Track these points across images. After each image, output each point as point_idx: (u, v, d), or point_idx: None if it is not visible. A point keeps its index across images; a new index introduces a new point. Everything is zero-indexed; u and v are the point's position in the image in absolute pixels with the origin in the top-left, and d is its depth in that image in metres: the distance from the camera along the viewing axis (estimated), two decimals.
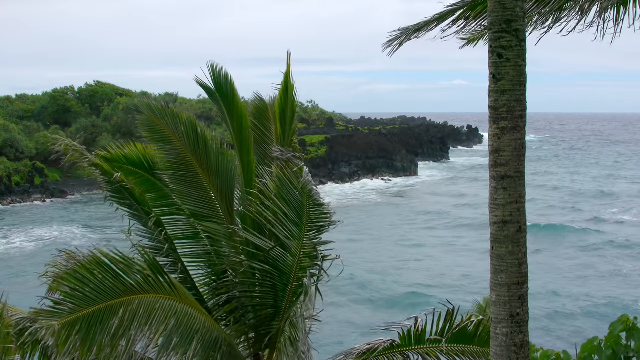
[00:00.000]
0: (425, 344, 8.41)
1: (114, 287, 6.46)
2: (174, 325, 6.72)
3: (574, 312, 32.11)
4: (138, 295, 6.60)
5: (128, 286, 6.58)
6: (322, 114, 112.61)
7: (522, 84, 4.72)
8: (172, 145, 8.16)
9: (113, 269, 6.58)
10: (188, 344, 6.82)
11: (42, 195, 69.24)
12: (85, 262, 6.42)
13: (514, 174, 4.76)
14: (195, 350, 6.85)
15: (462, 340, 8.45)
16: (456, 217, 58.90)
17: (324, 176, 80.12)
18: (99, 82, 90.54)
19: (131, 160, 8.61)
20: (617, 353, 4.77)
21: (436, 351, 8.37)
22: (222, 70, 8.39)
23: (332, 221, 7.27)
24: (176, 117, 8.10)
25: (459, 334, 8.41)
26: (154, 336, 6.48)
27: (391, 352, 8.50)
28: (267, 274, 7.98)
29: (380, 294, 35.76)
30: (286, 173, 7.28)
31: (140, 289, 6.67)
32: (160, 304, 6.73)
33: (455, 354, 8.38)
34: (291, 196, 7.34)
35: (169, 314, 6.73)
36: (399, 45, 8.33)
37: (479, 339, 8.43)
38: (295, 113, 9.40)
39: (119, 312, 6.28)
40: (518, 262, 4.82)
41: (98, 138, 73.06)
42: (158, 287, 6.85)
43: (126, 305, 6.40)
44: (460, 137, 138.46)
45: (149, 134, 8.21)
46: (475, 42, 8.57)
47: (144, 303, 6.57)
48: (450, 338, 8.35)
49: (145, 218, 8.48)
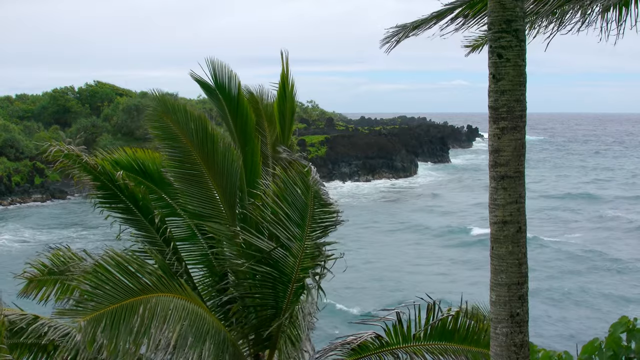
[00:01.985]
0: (412, 341, 8.42)
1: (131, 286, 6.51)
2: (188, 325, 6.76)
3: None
4: (154, 294, 6.64)
5: (144, 285, 6.63)
6: (322, 114, 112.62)
7: (522, 84, 4.72)
8: (179, 142, 8.01)
9: (129, 268, 6.63)
10: (202, 344, 6.84)
11: (42, 195, 69.19)
12: (103, 261, 6.48)
13: (514, 174, 4.76)
14: (209, 350, 6.87)
15: (445, 337, 8.45)
16: (456, 217, 58.90)
17: (324, 176, 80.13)
18: (99, 82, 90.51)
19: (121, 165, 8.52)
20: (618, 354, 4.77)
21: (422, 350, 8.38)
22: (226, 67, 8.25)
23: (339, 221, 7.24)
24: (188, 113, 7.92)
25: (442, 331, 8.42)
26: (172, 335, 6.51)
27: (382, 351, 8.50)
28: (267, 275, 7.97)
29: (369, 293, 35.43)
30: (290, 174, 7.24)
31: (155, 288, 6.72)
32: (175, 303, 6.76)
33: (439, 352, 8.37)
34: (295, 197, 7.30)
35: (182, 314, 6.75)
36: (396, 42, 8.29)
37: (459, 335, 8.43)
38: (294, 112, 9.37)
39: (139, 310, 6.34)
40: (518, 262, 4.82)
41: (98, 138, 73.08)
42: (171, 287, 6.89)
43: (145, 304, 6.45)
44: (460, 137, 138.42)
45: (154, 129, 8.02)
46: (480, 49, 8.55)
47: (160, 302, 6.61)
48: (434, 335, 8.36)
49: (144, 220, 8.38)
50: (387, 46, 8.36)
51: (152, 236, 8.39)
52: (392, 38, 8.30)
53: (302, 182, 7.19)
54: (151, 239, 8.41)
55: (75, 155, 8.15)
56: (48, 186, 70.41)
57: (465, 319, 8.41)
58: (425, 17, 7.98)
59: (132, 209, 8.38)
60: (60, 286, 8.57)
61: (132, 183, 8.46)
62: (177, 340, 6.55)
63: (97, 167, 8.19)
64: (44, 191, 69.79)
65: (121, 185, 8.20)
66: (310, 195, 7.07)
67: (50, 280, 8.59)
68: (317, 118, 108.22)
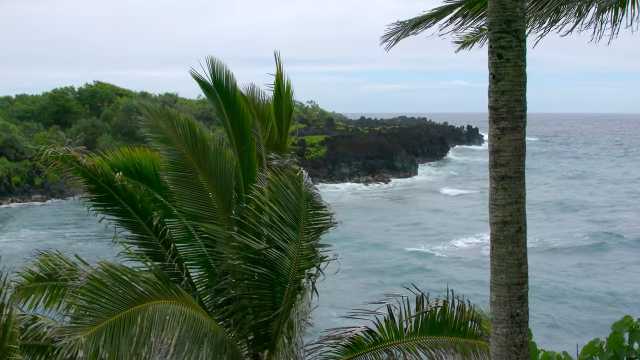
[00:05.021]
0: (404, 337, 8.40)
1: (127, 297, 6.50)
2: (185, 330, 6.78)
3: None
4: (151, 302, 6.64)
5: (140, 294, 6.63)
6: (322, 114, 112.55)
7: (522, 84, 4.71)
8: (173, 146, 8.12)
9: (123, 278, 6.62)
10: (199, 348, 6.86)
11: (42, 195, 69.19)
12: (96, 274, 6.47)
13: (514, 174, 4.75)
14: (207, 353, 6.88)
15: (435, 331, 8.45)
16: (455, 217, 58.88)
17: (324, 176, 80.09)
18: (99, 82, 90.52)
19: (116, 167, 8.49)
20: (619, 355, 4.75)
21: (414, 345, 8.38)
22: (223, 66, 8.27)
23: (332, 223, 7.27)
24: (173, 119, 8.06)
25: (432, 324, 8.41)
26: (171, 341, 6.53)
27: (376, 348, 8.49)
28: (265, 276, 7.98)
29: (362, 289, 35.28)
30: (282, 178, 7.28)
31: (151, 296, 6.72)
32: (171, 309, 6.78)
33: (430, 347, 8.37)
34: (288, 201, 7.35)
35: (179, 319, 6.77)
36: (395, 40, 8.28)
37: (447, 328, 8.42)
38: (292, 112, 9.34)
39: (137, 320, 6.36)
40: (518, 263, 4.81)
41: (98, 138, 73.08)
42: (167, 293, 6.89)
43: (142, 313, 6.47)
44: (460, 137, 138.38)
45: (152, 133, 8.19)
46: (471, 45, 8.55)
47: (157, 309, 6.63)
48: (425, 329, 8.36)
49: (142, 222, 8.31)
50: (387, 44, 8.36)
51: (149, 238, 8.33)
52: (391, 36, 8.30)
53: (294, 186, 7.23)
54: (149, 241, 8.34)
55: (72, 158, 8.09)
56: (48, 186, 70.38)
57: (452, 310, 8.42)
58: (425, 14, 7.96)
59: (129, 211, 8.30)
60: (50, 292, 8.49)
61: (131, 185, 8.45)
62: (176, 345, 6.57)
63: (95, 169, 8.12)
64: (44, 191, 69.78)
65: (119, 187, 8.14)
66: (303, 198, 7.09)
67: (39, 287, 8.49)
68: (317, 118, 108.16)
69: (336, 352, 8.56)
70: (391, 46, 8.32)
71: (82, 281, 6.43)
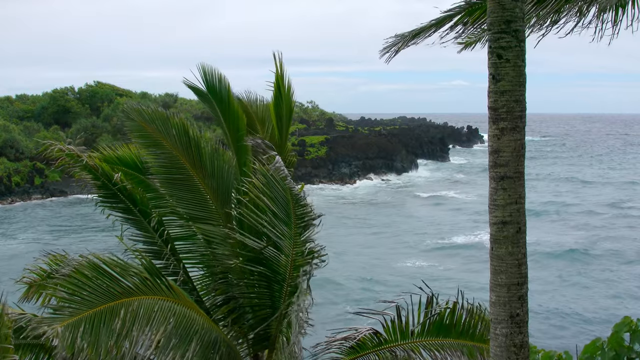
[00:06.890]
0: (410, 338, 8.38)
1: (111, 290, 6.50)
2: (173, 326, 6.76)
3: None
4: (137, 297, 6.63)
5: (125, 288, 6.63)
6: (322, 115, 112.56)
7: (521, 84, 4.72)
8: (163, 149, 8.10)
9: (109, 272, 6.62)
10: (187, 345, 6.84)
11: (42, 195, 69.17)
12: (79, 267, 6.48)
13: (514, 174, 4.75)
14: (194, 351, 6.86)
15: (442, 333, 8.40)
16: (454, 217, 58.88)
17: (324, 177, 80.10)
18: (99, 82, 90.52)
19: (125, 162, 8.56)
20: (620, 355, 4.75)
21: (420, 347, 8.35)
22: (216, 71, 8.32)
23: (315, 215, 7.22)
24: (167, 120, 8.03)
25: (440, 326, 8.37)
26: (155, 337, 6.51)
27: (380, 349, 8.48)
28: (262, 275, 7.98)
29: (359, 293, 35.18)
30: (269, 168, 7.22)
31: (138, 290, 6.71)
32: (159, 305, 6.76)
33: (436, 348, 8.35)
34: (277, 193, 7.32)
35: (167, 315, 6.76)
36: (395, 52, 8.26)
37: (455, 331, 8.38)
38: (292, 112, 9.35)
39: (120, 313, 6.35)
40: (518, 263, 4.82)
41: (98, 138, 73.03)
42: (156, 289, 6.87)
43: (127, 307, 6.46)
44: (460, 138, 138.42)
45: (139, 139, 8.16)
46: (473, 46, 8.55)
47: (143, 304, 6.61)
48: (432, 330, 8.33)
49: (143, 221, 8.39)
50: (387, 56, 8.34)
51: (151, 236, 8.41)
52: (391, 48, 8.28)
53: (277, 176, 7.10)
54: (150, 239, 8.42)
55: (76, 155, 8.19)
56: (48, 186, 70.38)
57: (462, 312, 8.39)
58: (424, 25, 7.92)
59: (131, 209, 8.41)
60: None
61: (131, 184, 8.48)
62: (161, 341, 6.57)
63: (97, 168, 8.21)
64: (44, 191, 69.77)
65: (120, 187, 8.24)
66: (288, 190, 7.03)
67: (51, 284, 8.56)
68: (317, 118, 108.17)
69: (340, 352, 8.56)
70: (391, 58, 8.30)
71: (63, 274, 6.43)
